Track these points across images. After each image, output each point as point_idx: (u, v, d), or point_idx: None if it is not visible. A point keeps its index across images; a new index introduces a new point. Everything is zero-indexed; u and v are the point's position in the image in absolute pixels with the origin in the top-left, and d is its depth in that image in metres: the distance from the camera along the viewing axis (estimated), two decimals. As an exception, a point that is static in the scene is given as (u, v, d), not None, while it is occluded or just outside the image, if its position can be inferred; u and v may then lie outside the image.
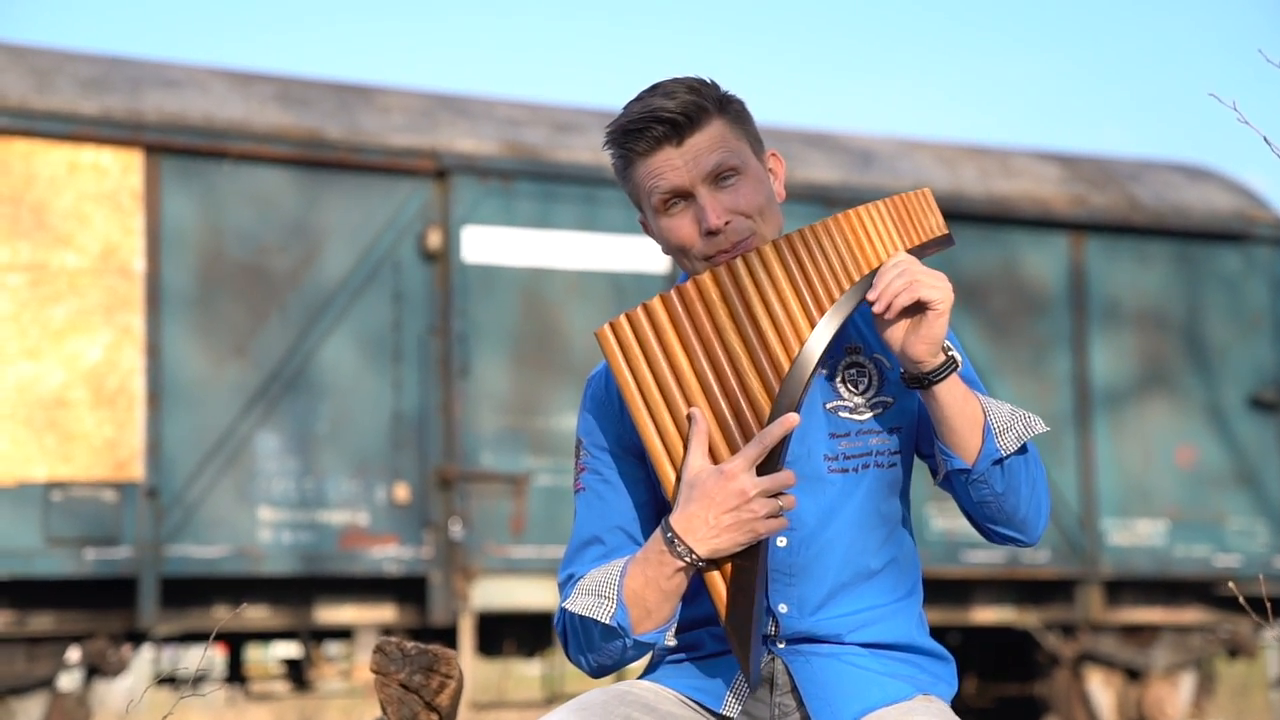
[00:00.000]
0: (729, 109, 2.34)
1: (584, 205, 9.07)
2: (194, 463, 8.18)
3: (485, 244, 8.86)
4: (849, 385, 2.35)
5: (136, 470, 8.04)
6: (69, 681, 8.44)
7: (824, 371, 2.34)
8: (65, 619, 8.20)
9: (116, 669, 8.27)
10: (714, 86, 2.34)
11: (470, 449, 8.68)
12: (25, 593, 8.08)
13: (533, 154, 9.05)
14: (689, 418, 2.21)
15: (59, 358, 7.97)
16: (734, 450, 2.20)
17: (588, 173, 9.07)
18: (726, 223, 2.29)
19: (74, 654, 8.28)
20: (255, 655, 11.95)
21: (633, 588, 2.23)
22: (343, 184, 8.67)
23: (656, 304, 2.24)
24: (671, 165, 2.30)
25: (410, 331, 8.68)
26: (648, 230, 2.39)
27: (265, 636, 9.59)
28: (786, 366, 2.21)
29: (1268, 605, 2.95)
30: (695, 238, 2.31)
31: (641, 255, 9.10)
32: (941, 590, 9.51)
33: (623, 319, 2.24)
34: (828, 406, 2.32)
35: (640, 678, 2.41)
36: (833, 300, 2.24)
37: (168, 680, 9.71)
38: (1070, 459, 9.92)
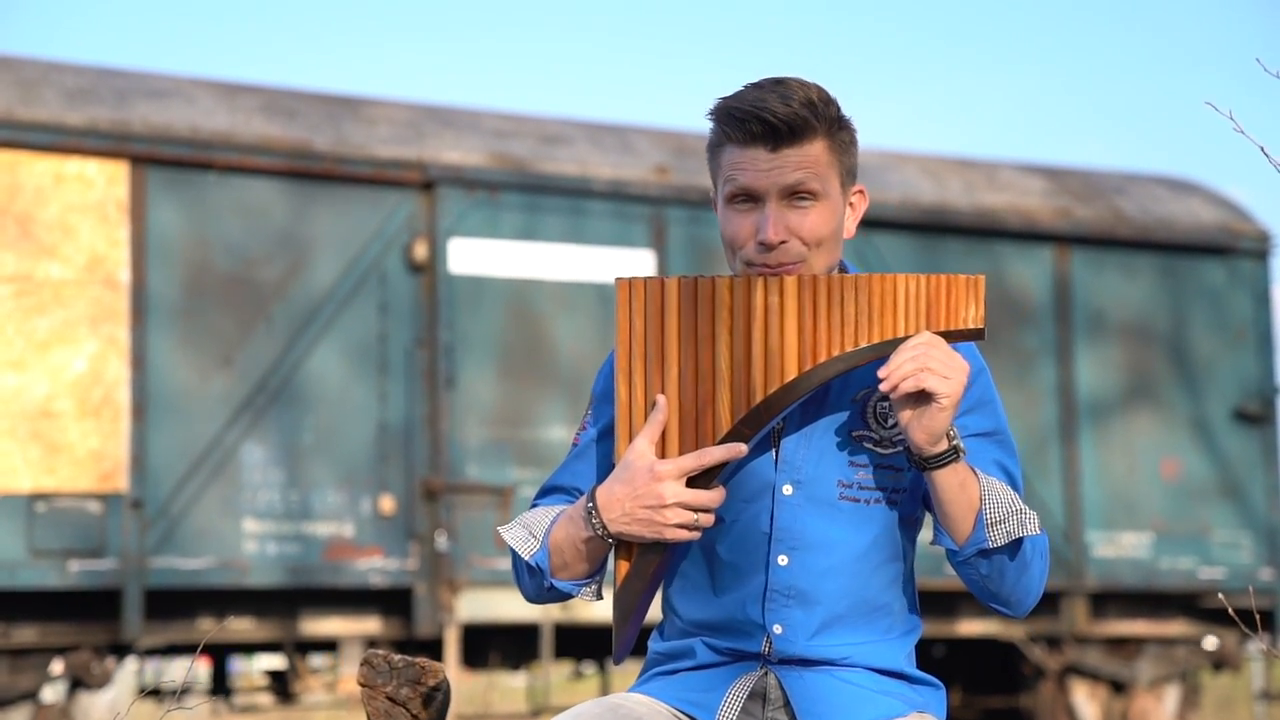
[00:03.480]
0: (836, 135, 2.31)
1: (570, 217, 9.08)
2: (179, 474, 8.16)
3: (472, 255, 8.85)
4: (878, 419, 2.33)
5: (121, 482, 8.02)
6: (53, 694, 8.41)
7: (857, 398, 2.33)
8: (49, 631, 8.17)
9: (100, 681, 8.24)
10: (833, 106, 2.30)
11: (456, 460, 8.67)
12: (9, 604, 8.05)
13: (519, 165, 9.05)
14: (655, 402, 2.24)
15: (44, 369, 7.95)
16: (682, 449, 2.24)
17: (574, 184, 9.07)
18: (782, 242, 2.27)
19: (58, 666, 8.25)
20: (240, 667, 11.92)
21: (557, 538, 2.32)
22: (329, 195, 8.66)
23: (674, 282, 2.25)
24: (756, 165, 2.27)
25: (396, 343, 8.67)
26: (715, 207, 2.37)
27: (250, 648, 9.56)
28: (760, 397, 2.22)
29: (1256, 617, 2.96)
30: (748, 240, 2.29)
31: (628, 267, 9.10)
32: (927, 602, 9.51)
33: (642, 279, 2.27)
34: (854, 435, 2.31)
35: (633, 689, 2.41)
36: (829, 354, 2.22)
37: (152, 693, 9.68)
38: (1055, 471, 9.93)
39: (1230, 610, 2.66)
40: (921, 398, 2.20)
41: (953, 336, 2.25)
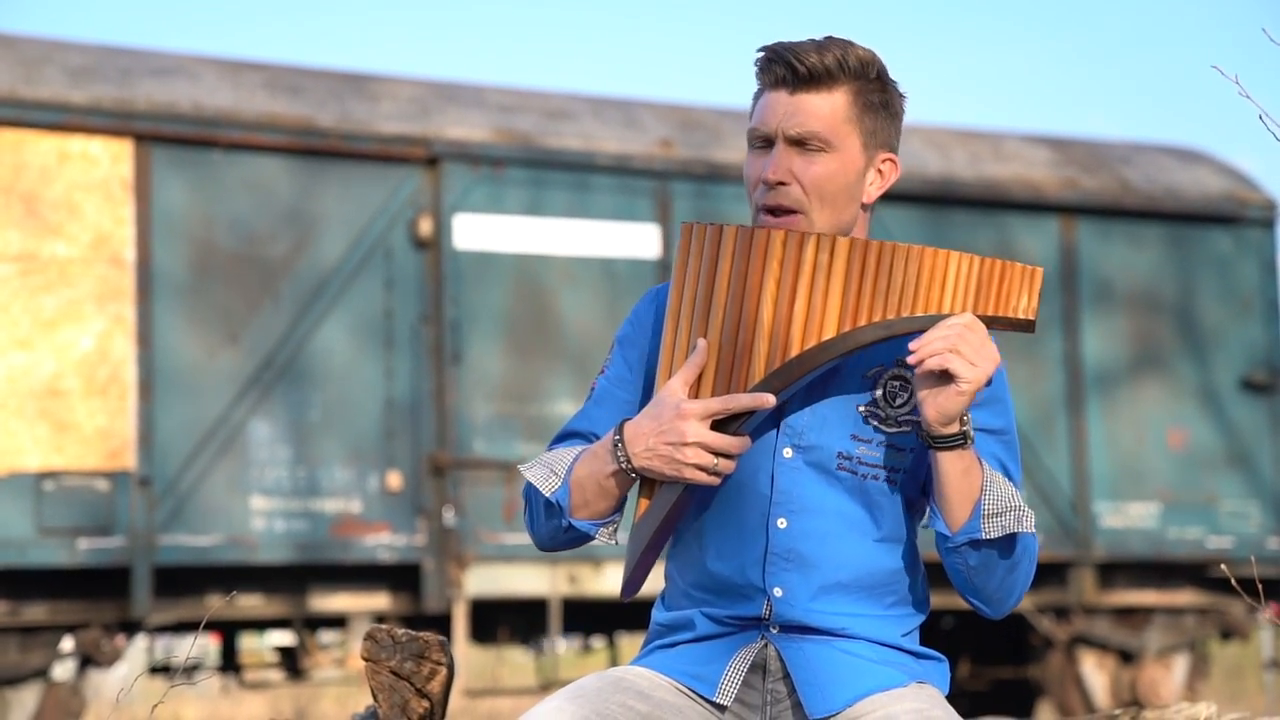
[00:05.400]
0: (865, 94, 2.31)
1: (575, 192, 9.07)
2: (187, 451, 8.18)
3: (477, 231, 8.85)
4: (887, 398, 2.33)
5: (129, 459, 8.04)
6: (63, 671, 8.44)
7: (868, 374, 2.33)
8: (59, 609, 8.20)
9: (110, 659, 8.27)
10: (870, 67, 2.31)
11: (463, 436, 8.68)
12: (18, 583, 8.07)
13: (524, 140, 9.04)
14: (695, 344, 2.25)
15: (51, 347, 7.96)
16: (715, 393, 2.24)
17: (579, 159, 9.06)
18: (781, 183, 2.29)
19: (68, 644, 8.28)
20: (249, 644, 11.96)
21: (579, 473, 2.30)
22: (334, 171, 8.66)
23: (732, 230, 2.26)
24: (774, 108, 2.31)
25: (403, 319, 8.67)
26: None
27: (259, 625, 9.59)
28: (795, 352, 2.22)
29: (1259, 587, 2.96)
30: (758, 180, 2.32)
31: (633, 241, 9.10)
32: (934, 574, 9.50)
33: (707, 226, 2.28)
34: (860, 409, 2.32)
35: (634, 662, 2.42)
36: (869, 320, 2.22)
37: (162, 670, 9.71)
38: (1062, 441, 9.93)
39: (1234, 582, 2.67)
40: (943, 377, 2.20)
41: (999, 324, 2.24)
